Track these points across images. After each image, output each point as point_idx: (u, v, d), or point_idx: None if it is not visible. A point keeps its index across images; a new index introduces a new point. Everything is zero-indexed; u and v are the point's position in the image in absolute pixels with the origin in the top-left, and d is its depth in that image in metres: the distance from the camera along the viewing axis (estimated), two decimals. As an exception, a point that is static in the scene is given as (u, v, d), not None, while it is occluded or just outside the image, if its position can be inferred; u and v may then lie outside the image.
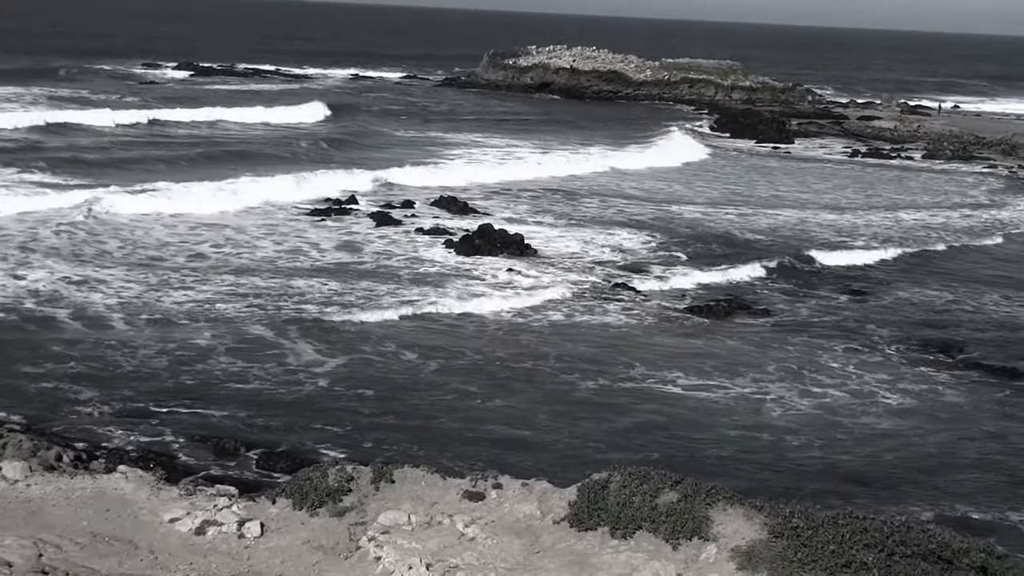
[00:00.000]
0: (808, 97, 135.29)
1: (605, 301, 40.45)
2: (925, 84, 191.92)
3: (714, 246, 50.46)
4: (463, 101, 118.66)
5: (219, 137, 79.05)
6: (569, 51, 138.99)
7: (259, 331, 34.58)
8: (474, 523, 15.79)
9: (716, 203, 63.26)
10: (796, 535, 14.58)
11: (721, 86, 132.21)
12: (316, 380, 30.78)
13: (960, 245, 54.73)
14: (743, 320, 39.60)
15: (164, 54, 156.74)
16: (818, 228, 57.11)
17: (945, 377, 34.31)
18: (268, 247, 45.96)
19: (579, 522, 15.55)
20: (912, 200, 68.30)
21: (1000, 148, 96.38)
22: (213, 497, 17.22)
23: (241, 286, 39.46)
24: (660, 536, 15.06)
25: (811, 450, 28.03)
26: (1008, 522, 24.82)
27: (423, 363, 32.69)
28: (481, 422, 28.61)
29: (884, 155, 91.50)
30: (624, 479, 16.00)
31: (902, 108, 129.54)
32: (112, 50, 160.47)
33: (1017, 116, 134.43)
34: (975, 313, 42.14)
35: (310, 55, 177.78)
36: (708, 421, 29.56)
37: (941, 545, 14.71)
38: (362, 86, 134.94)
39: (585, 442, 27.69)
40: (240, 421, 27.66)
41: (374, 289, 40.16)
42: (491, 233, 47.95)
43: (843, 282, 45.42)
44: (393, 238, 48.95)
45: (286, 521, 16.13)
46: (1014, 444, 29.40)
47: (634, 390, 31.55)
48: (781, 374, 33.53)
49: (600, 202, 61.58)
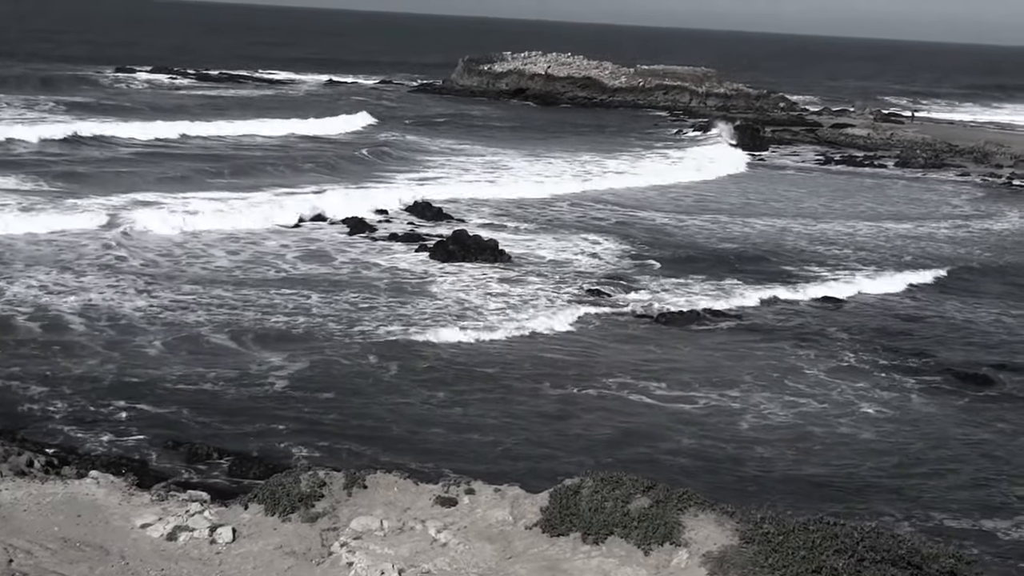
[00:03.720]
0: (780, 104, 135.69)
1: (579, 307, 40.48)
2: (899, 92, 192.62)
3: (687, 254, 50.55)
4: (438, 106, 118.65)
5: (195, 149, 78.59)
6: (544, 57, 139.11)
7: (220, 340, 34.56)
8: (446, 528, 15.78)
9: (687, 210, 63.42)
10: (767, 541, 14.62)
11: (696, 93, 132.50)
12: (289, 387, 30.75)
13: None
14: (715, 327, 39.71)
15: (140, 59, 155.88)
16: (793, 237, 57.25)
17: (914, 384, 34.48)
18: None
19: (551, 527, 15.55)
20: (897, 211, 68.46)
21: (972, 156, 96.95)
22: (185, 503, 17.16)
23: (202, 295, 39.40)
24: (632, 541, 15.07)
25: (783, 459, 28.13)
26: (981, 529, 24.96)
27: (393, 370, 32.66)
28: (454, 429, 28.62)
29: (857, 163, 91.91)
30: (596, 484, 16.00)
31: (875, 116, 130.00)
32: (81, 55, 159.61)
33: (989, 124, 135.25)
34: (939, 319, 42.36)
35: (286, 61, 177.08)
36: (680, 429, 29.63)
37: (911, 551, 14.77)
38: (337, 91, 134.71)
39: (557, 449, 27.73)
40: (214, 427, 27.63)
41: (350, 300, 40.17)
42: (465, 239, 47.98)
43: (820, 290, 45.50)
44: (364, 245, 48.95)
45: (258, 527, 16.09)
46: (985, 451, 29.58)
47: (607, 397, 31.60)
48: (754, 382, 33.63)
49: (570, 206, 61.77)
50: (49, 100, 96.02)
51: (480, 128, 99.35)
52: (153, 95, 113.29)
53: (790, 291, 44.75)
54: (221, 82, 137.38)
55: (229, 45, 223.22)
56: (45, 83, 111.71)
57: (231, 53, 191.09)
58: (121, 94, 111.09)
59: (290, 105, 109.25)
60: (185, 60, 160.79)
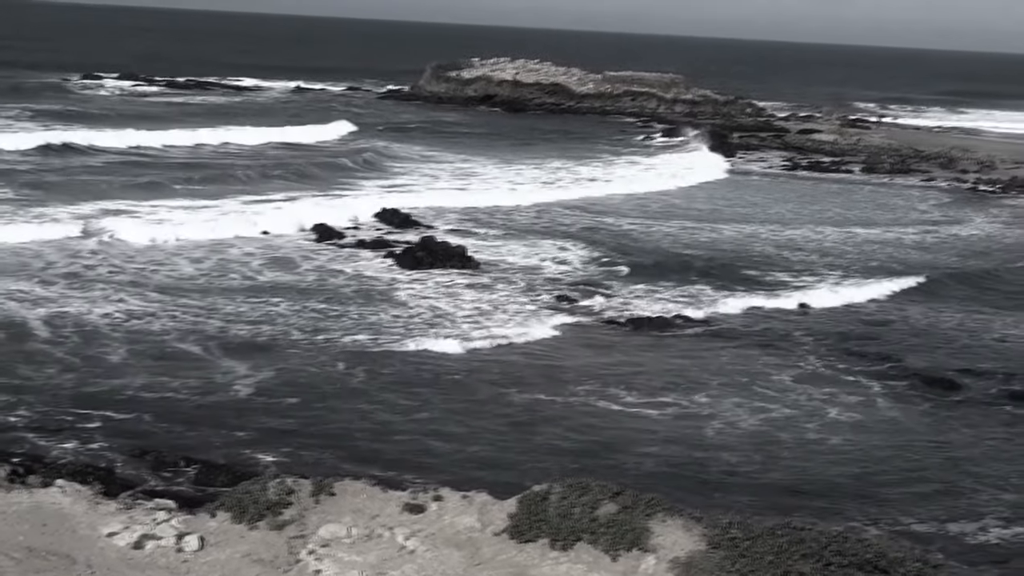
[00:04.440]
0: (747, 110, 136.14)
1: (547, 314, 40.52)
2: (868, 98, 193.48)
3: (655, 260, 50.63)
4: (409, 113, 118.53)
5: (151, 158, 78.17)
6: (512, 63, 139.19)
7: (186, 347, 34.45)
8: (414, 535, 15.77)
9: (654, 216, 63.55)
10: (734, 546, 14.67)
11: (663, 99, 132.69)
12: (254, 395, 30.67)
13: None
14: (684, 333, 39.80)
15: (106, 66, 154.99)
16: (761, 243, 57.42)
17: (880, 388, 34.63)
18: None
19: (519, 534, 15.56)
20: (865, 217, 68.68)
21: (938, 161, 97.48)
22: (151, 511, 17.08)
23: (166, 303, 39.27)
24: (600, 547, 15.10)
25: (751, 464, 28.19)
26: (947, 533, 25.07)
27: (360, 377, 32.63)
28: (421, 435, 28.60)
29: (824, 168, 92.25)
30: (564, 491, 16.03)
31: (841, 121, 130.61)
32: (46, 62, 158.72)
33: (955, 130, 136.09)
34: (906, 324, 42.57)
35: (252, 68, 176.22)
36: (648, 435, 29.66)
37: (877, 555, 14.85)
38: (305, 98, 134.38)
39: (523, 455, 27.72)
40: (181, 435, 27.53)
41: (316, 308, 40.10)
42: (433, 245, 47.97)
43: (788, 295, 45.64)
44: (332, 252, 48.91)
45: (225, 535, 16.03)
46: (951, 455, 29.71)
47: (574, 404, 31.62)
48: (722, 388, 33.69)
49: (538, 213, 61.83)
50: (15, 107, 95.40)
51: (449, 135, 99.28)
52: (121, 102, 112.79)
53: (758, 297, 44.83)
54: (189, 89, 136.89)
55: (194, 52, 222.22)
56: (14, 90, 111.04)
57: (197, 60, 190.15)
58: (88, 101, 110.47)
59: (259, 112, 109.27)
60: (151, 67, 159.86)
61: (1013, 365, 37.82)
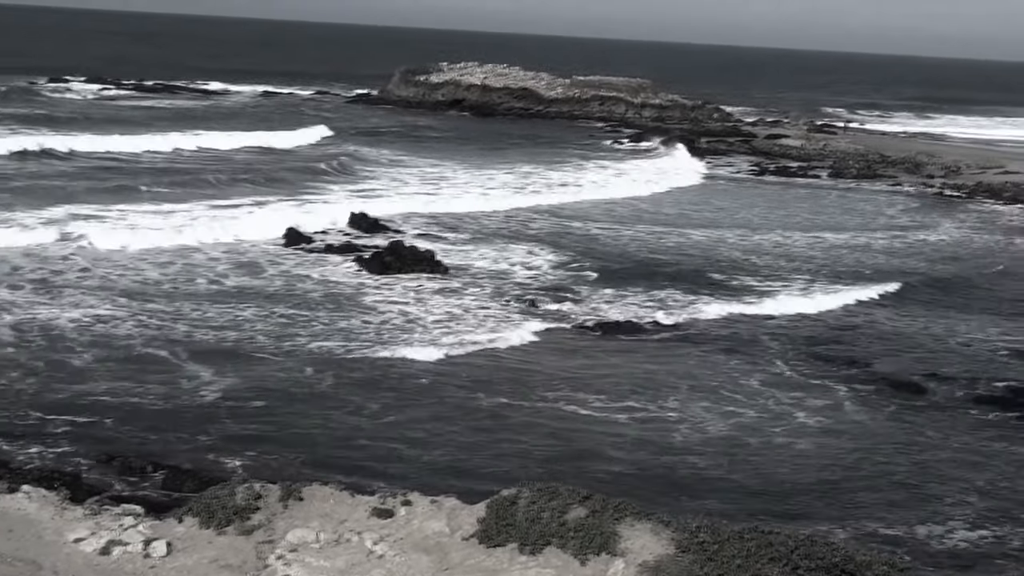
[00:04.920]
0: (715, 115, 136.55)
1: (516, 318, 40.53)
2: (836, 103, 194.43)
3: (623, 265, 50.72)
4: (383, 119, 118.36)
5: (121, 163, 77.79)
6: (481, 68, 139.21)
7: (152, 351, 34.32)
8: (383, 540, 15.74)
9: (623, 220, 63.65)
10: (702, 550, 14.70)
11: (632, 104, 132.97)
12: (221, 400, 30.58)
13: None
14: (652, 338, 39.88)
15: (72, 69, 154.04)
16: (728, 248, 57.56)
17: (847, 392, 34.79)
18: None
19: (488, 538, 15.55)
20: (833, 222, 68.90)
21: (904, 166, 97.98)
22: (119, 516, 16.99)
23: (127, 307, 39.07)
24: (569, 552, 15.10)
25: (718, 469, 28.27)
26: (915, 536, 25.20)
27: (328, 382, 32.58)
28: (389, 440, 28.59)
29: (791, 173, 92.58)
30: (533, 495, 16.03)
31: (808, 127, 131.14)
32: (12, 66, 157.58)
33: (920, 135, 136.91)
34: (872, 328, 42.77)
35: (218, 72, 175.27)
36: (616, 440, 29.71)
37: (845, 558, 14.90)
38: (273, 102, 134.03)
39: (493, 460, 27.74)
40: (148, 440, 27.41)
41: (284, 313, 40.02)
42: (401, 250, 47.93)
43: (756, 300, 45.76)
44: (301, 256, 48.82)
45: (193, 540, 15.97)
46: (917, 458, 29.86)
47: (542, 409, 31.64)
48: (690, 392, 33.79)
49: (506, 218, 61.86)
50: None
51: (418, 139, 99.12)
52: (89, 105, 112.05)
53: (726, 302, 44.95)
54: (157, 92, 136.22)
55: (160, 55, 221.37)
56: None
57: (163, 63, 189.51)
58: (57, 105, 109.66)
59: (230, 116, 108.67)
60: (118, 70, 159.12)
61: (977, 369, 38.07)
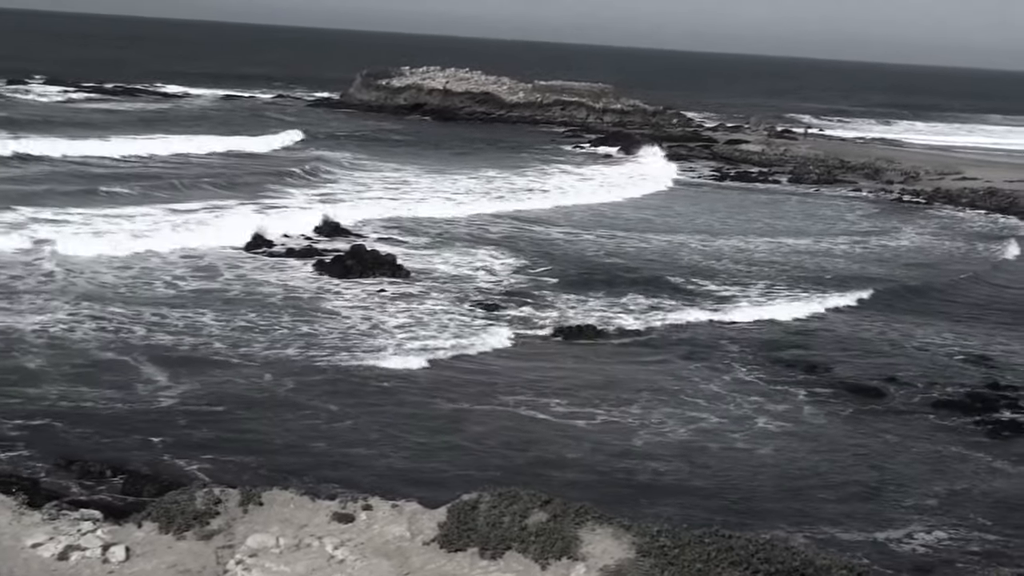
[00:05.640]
0: (674, 120, 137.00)
1: (478, 323, 40.54)
2: (799, 109, 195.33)
3: (585, 270, 50.79)
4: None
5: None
6: (442, 72, 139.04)
7: (107, 355, 34.14)
8: (343, 545, 15.71)
9: (584, 225, 63.77)
10: (663, 554, 14.76)
11: (593, 108, 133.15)
12: (179, 404, 30.46)
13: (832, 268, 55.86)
14: (613, 343, 39.98)
15: (30, 71, 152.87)
16: (689, 252, 57.72)
17: (807, 397, 34.96)
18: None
19: (449, 543, 15.56)
20: (794, 227, 69.19)
21: (864, 172, 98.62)
22: (77, 521, 16.90)
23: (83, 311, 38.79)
24: (529, 556, 15.13)
25: (678, 473, 28.36)
26: (873, 540, 25.34)
27: (288, 386, 32.49)
28: (349, 444, 28.58)
29: (752, 178, 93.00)
30: (494, 500, 16.05)
31: (769, 132, 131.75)
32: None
33: (877, 141, 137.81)
34: (832, 333, 43.00)
35: (176, 75, 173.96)
36: (576, 444, 29.76)
37: (804, 562, 15.00)
38: (234, 106, 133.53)
39: (452, 464, 27.75)
40: (106, 445, 27.26)
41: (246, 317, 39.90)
42: (363, 254, 47.86)
43: (717, 305, 45.89)
44: (262, 260, 48.71)
45: (152, 545, 15.90)
46: (876, 463, 30.05)
47: (502, 414, 31.66)
48: (651, 397, 33.86)
49: (468, 222, 61.89)
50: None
51: (380, 143, 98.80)
52: (49, 108, 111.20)
53: (687, 307, 45.05)
54: (116, 95, 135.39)
55: (118, 57, 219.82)
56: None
57: (120, 66, 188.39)
58: (14, 106, 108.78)
59: (192, 120, 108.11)
60: (76, 72, 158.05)
61: (936, 374, 38.34)
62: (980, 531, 26.19)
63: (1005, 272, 58.80)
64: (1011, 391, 36.90)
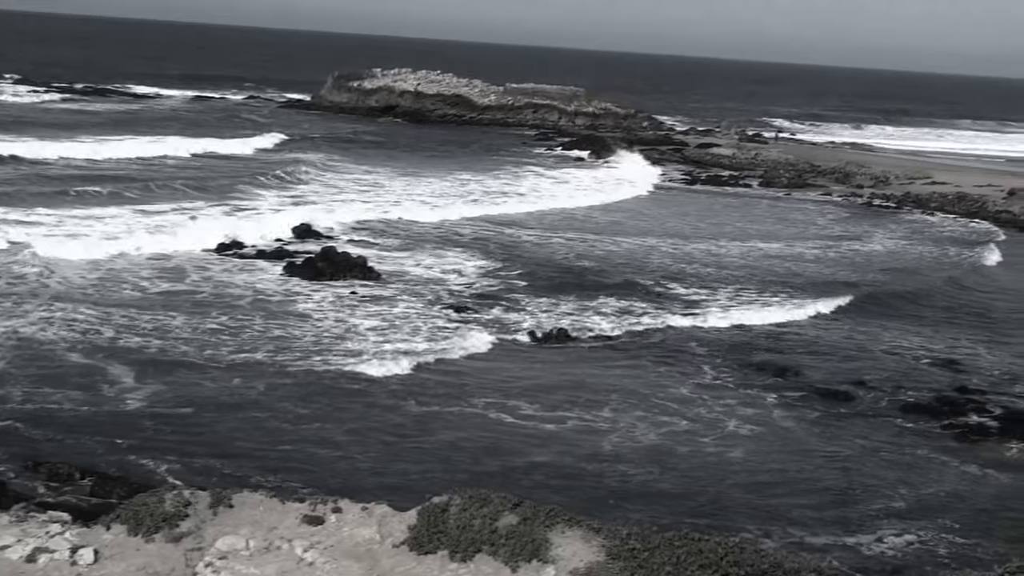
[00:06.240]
0: (644, 123, 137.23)
1: (449, 326, 40.51)
2: (767, 113, 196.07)
3: (556, 273, 50.80)
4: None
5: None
6: (414, 74, 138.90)
7: (74, 358, 33.97)
8: (313, 547, 15.69)
9: (555, 228, 63.79)
10: (633, 556, 14.79)
11: (565, 111, 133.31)
12: (148, 406, 30.36)
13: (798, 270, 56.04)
14: (584, 346, 40.01)
15: (6, 72, 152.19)
16: (659, 256, 57.79)
17: (776, 401, 35.07)
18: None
19: (419, 546, 15.55)
20: (765, 231, 69.38)
21: (834, 176, 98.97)
22: (45, 523, 16.83)
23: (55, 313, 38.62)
24: (500, 559, 15.14)
25: (648, 476, 28.39)
26: (842, 543, 25.43)
27: (259, 389, 32.42)
28: (319, 446, 28.52)
29: (723, 182, 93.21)
30: (464, 502, 16.05)
31: (740, 136, 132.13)
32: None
33: (845, 145, 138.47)
34: (802, 337, 43.15)
35: (147, 76, 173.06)
36: (545, 447, 29.78)
37: (774, 565, 15.05)
38: (205, 107, 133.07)
39: (421, 467, 27.73)
40: (72, 446, 27.14)
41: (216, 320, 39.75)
42: (334, 256, 47.77)
43: (688, 309, 45.95)
44: (232, 262, 48.59)
45: (120, 547, 15.84)
46: (845, 466, 30.16)
47: (470, 416, 31.66)
48: (621, 400, 33.89)
49: (437, 225, 61.83)
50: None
51: (352, 145, 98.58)
52: (19, 108, 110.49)
53: (658, 311, 45.12)
54: (87, 95, 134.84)
55: (87, 58, 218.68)
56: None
57: (90, 66, 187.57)
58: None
59: (160, 120, 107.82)
60: (46, 73, 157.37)
61: (903, 378, 38.52)
62: (948, 534, 26.33)
63: (978, 276, 59.06)
64: (979, 395, 37.14)
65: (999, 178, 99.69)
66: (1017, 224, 78.05)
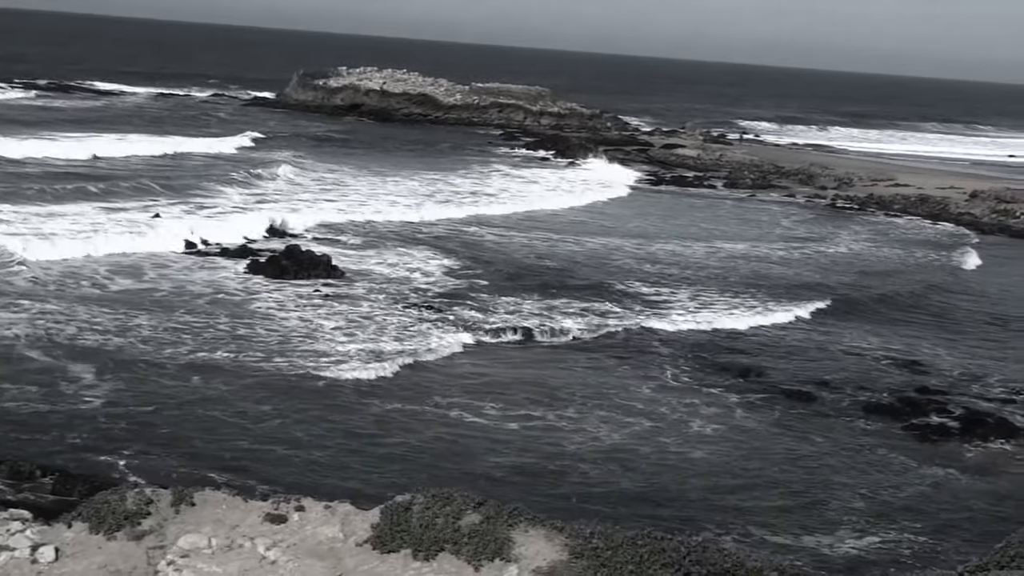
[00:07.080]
0: (608, 124, 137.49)
1: (412, 325, 40.48)
2: (733, 115, 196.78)
3: (520, 273, 50.82)
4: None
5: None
6: (380, 73, 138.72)
7: (34, 355, 33.81)
8: (276, 546, 15.64)
9: (520, 228, 63.80)
10: (596, 555, 14.81)
11: (530, 111, 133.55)
12: (109, 404, 30.24)
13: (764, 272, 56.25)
14: (548, 346, 40.09)
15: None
16: (622, 256, 57.88)
17: (739, 401, 35.22)
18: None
19: (382, 544, 15.52)
20: (730, 232, 69.57)
21: (798, 177, 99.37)
22: (6, 521, 16.72)
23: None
24: (463, 558, 15.13)
25: (611, 476, 28.47)
26: (802, 543, 25.57)
27: (219, 389, 32.32)
28: (281, 445, 28.50)
29: (688, 183, 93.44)
30: (427, 501, 16.03)
31: (704, 137, 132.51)
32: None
33: (808, 147, 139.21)
34: (767, 338, 43.34)
35: (109, 73, 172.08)
36: (507, 446, 29.82)
37: (736, 564, 15.09)
38: (169, 104, 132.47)
39: (383, 466, 27.73)
40: (36, 445, 27.01)
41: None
42: (298, 254, 47.66)
43: (652, 310, 46.03)
44: (194, 260, 48.41)
45: (82, 545, 15.76)
46: (807, 466, 30.33)
47: (435, 416, 31.68)
48: (585, 400, 33.97)
49: (405, 225, 61.74)
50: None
51: (318, 143, 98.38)
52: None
53: (622, 311, 45.23)
54: (50, 91, 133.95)
55: (48, 54, 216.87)
56: None
57: (52, 62, 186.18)
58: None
59: (124, 118, 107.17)
60: (9, 69, 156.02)
61: (865, 378, 38.75)
62: (909, 533, 26.53)
63: (954, 279, 59.40)
64: (940, 395, 37.39)
65: (962, 180, 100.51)
66: (979, 226, 78.52)
